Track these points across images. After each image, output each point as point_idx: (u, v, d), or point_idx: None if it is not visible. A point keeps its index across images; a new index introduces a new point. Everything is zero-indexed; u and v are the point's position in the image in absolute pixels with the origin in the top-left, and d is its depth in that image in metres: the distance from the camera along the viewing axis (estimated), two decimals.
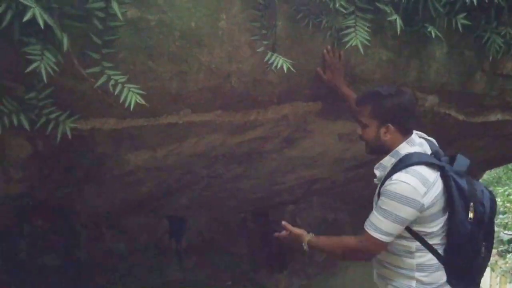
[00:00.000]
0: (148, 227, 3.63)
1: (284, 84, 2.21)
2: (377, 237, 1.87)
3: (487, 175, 15.24)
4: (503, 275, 9.42)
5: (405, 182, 1.83)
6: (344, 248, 1.99)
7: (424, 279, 1.92)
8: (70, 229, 3.21)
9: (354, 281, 4.74)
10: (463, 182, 1.90)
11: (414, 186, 1.82)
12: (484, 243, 1.97)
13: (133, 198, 2.97)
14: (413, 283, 1.94)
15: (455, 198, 1.86)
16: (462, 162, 1.97)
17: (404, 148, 1.94)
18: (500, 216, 13.42)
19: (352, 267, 4.78)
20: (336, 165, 3.17)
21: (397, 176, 1.85)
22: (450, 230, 1.90)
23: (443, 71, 2.54)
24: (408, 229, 1.91)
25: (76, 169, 2.36)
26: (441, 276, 1.93)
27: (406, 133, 1.96)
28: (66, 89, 1.81)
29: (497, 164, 4.50)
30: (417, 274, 1.92)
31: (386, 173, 1.94)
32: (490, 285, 10.00)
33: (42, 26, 1.52)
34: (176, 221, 3.78)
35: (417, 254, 1.92)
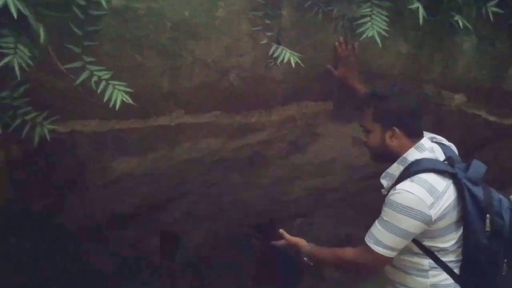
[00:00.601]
0: (137, 242, 3.63)
1: (290, 81, 2.23)
2: (377, 251, 1.88)
3: None
4: None
5: (409, 192, 1.83)
6: (344, 260, 2.03)
7: None
8: (49, 246, 3.22)
9: None
10: (478, 191, 1.89)
11: (419, 196, 1.82)
12: (505, 260, 1.94)
13: (120, 210, 2.98)
14: None
15: (469, 208, 1.86)
16: (478, 168, 1.96)
17: (413, 154, 1.94)
18: None
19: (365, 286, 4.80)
20: (350, 173, 3.18)
21: (401, 185, 1.86)
22: (465, 245, 1.90)
23: (471, 66, 2.54)
24: (419, 244, 1.91)
25: (55, 178, 2.37)
26: None
27: (414, 137, 1.96)
28: (44, 87, 1.83)
29: None
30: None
31: (393, 182, 1.95)
32: None
33: (15, 16, 1.53)
34: (169, 236, 3.79)
35: (431, 272, 1.92)
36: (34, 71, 1.68)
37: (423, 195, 1.82)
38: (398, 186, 1.86)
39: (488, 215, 1.87)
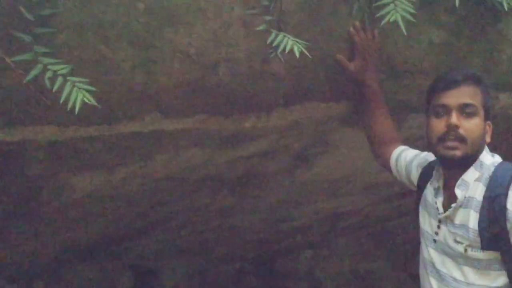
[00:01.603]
0: (104, 281, 3.64)
1: (294, 77, 2.24)
2: None
3: None
4: None
5: None
6: None
7: None
8: None
9: None
10: None
11: None
12: None
13: (82, 240, 3.00)
14: None
15: None
16: None
17: (487, 158, 2.02)
18: None
19: None
20: (370, 194, 3.21)
21: None
22: None
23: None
24: None
25: (2, 200, 2.38)
26: None
27: None
28: None
29: None
30: None
31: (468, 193, 1.98)
32: None
33: None
34: (144, 273, 3.81)
35: None
36: None
37: None
38: None
39: None
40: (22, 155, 2.13)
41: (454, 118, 1.95)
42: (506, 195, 1.90)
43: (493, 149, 2.18)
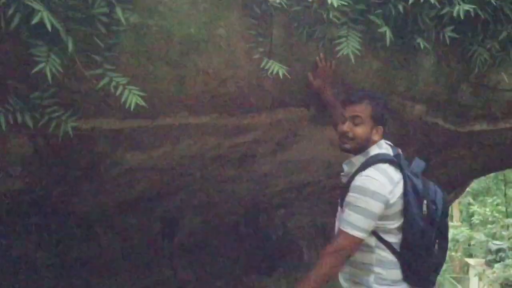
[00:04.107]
0: (141, 227, 3.61)
1: (278, 90, 2.29)
2: (355, 234, 1.94)
3: (477, 185, 15.40)
4: (490, 284, 9.52)
5: (374, 178, 1.94)
6: (321, 270, 1.95)
7: (382, 274, 2.01)
8: (64, 228, 3.25)
9: None
10: (418, 182, 2.02)
11: (382, 183, 1.94)
12: (437, 241, 2.08)
13: (128, 198, 3.00)
14: (372, 277, 2.01)
15: (409, 194, 1.98)
16: (418, 164, 2.12)
17: (374, 149, 2.06)
18: (489, 226, 13.56)
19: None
20: (326, 170, 3.23)
21: (367, 172, 1.96)
22: (405, 226, 2.00)
23: (431, 81, 2.61)
24: None
25: (74, 168, 2.40)
26: (398, 273, 2.02)
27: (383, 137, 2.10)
28: (69, 90, 1.88)
29: (484, 173, 4.59)
30: (376, 269, 2.01)
31: (353, 170, 2.04)
32: None
33: (49, 29, 1.60)
34: (169, 221, 3.78)
35: (377, 250, 2.01)
36: (62, 76, 1.73)
37: (385, 182, 1.94)
38: (364, 173, 1.96)
39: (425, 202, 1.99)
40: (91, 138, 2.16)
41: (346, 126, 2.07)
42: (355, 175, 1.99)
43: (410, 142, 2.24)
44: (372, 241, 2.01)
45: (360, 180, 1.96)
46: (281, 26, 2.14)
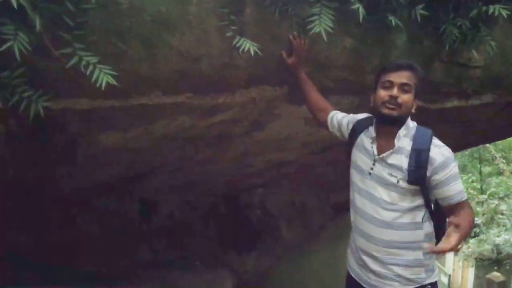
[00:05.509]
0: (119, 209, 3.63)
1: (251, 69, 2.27)
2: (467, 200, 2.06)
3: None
4: (465, 259, 9.80)
5: (446, 146, 2.04)
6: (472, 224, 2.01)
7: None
8: (41, 211, 3.22)
9: (323, 262, 4.89)
10: None
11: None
12: None
13: (105, 179, 2.99)
14: (421, 255, 2.08)
15: None
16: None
17: (410, 122, 2.10)
18: None
19: (319, 249, 4.92)
20: (303, 148, 3.24)
21: (438, 143, 2.04)
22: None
23: (403, 59, 2.59)
24: (425, 195, 2.06)
25: (49, 149, 2.38)
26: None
27: None
28: (39, 69, 1.85)
29: (459, 149, 4.66)
30: (425, 245, 2.05)
31: (399, 143, 2.05)
32: (453, 269, 10.39)
33: (15, 7, 1.57)
34: (147, 203, 3.79)
35: (425, 224, 2.08)
36: (31, 55, 1.70)
37: None
38: (436, 143, 2.03)
39: None
40: (64, 119, 2.14)
41: (395, 91, 2.03)
42: (428, 149, 2.00)
43: None
44: (422, 215, 2.07)
45: (443, 153, 1.99)
46: (253, 4, 2.12)
